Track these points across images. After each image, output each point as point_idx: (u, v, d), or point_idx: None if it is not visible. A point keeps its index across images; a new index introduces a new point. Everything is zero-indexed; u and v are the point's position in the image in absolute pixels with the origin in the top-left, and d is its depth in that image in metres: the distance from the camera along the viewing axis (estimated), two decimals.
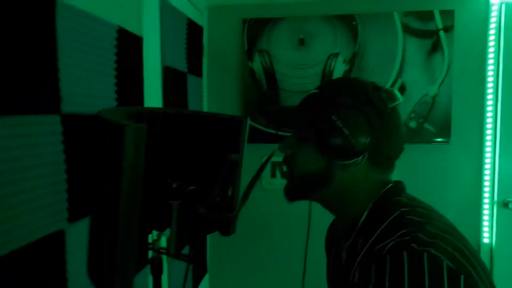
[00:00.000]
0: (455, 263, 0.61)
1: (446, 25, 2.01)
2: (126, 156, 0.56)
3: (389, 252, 0.64)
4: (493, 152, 2.07)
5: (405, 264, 0.61)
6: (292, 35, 2.11)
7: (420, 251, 0.61)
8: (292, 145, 0.80)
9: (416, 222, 0.68)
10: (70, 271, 0.95)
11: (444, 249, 0.62)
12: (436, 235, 0.65)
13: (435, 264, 0.60)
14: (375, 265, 0.64)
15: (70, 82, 0.95)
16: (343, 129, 0.71)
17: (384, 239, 0.67)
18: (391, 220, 0.70)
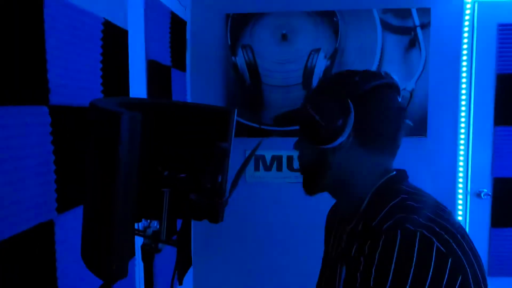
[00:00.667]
0: (446, 247, 0.65)
1: (423, 22, 2.08)
2: (121, 144, 0.58)
3: (385, 230, 0.68)
4: (466, 145, 2.16)
5: (397, 241, 0.65)
6: (275, 31, 2.14)
7: (414, 231, 0.65)
8: (297, 143, 0.87)
9: (415, 207, 0.72)
10: (59, 261, 0.96)
11: (438, 233, 0.66)
12: (432, 219, 0.68)
13: (426, 244, 0.64)
14: (370, 240, 0.69)
15: (58, 74, 0.96)
16: (314, 115, 0.76)
17: (384, 222, 0.71)
18: (391, 205, 0.74)
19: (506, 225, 2.16)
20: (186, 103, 0.86)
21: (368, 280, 0.66)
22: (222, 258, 2.31)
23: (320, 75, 2.13)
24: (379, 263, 0.65)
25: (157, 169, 0.77)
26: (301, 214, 2.22)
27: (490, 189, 2.17)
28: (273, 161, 2.21)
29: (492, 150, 2.16)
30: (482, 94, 2.13)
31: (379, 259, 0.66)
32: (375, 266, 0.66)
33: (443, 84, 2.13)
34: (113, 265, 0.61)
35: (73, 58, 1.04)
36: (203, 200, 0.74)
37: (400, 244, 0.65)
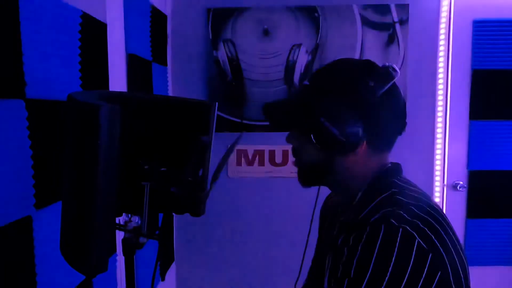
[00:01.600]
0: (428, 243, 0.67)
1: (401, 18, 2.12)
2: (101, 136, 0.58)
3: (370, 224, 0.70)
4: (443, 139, 2.22)
5: (380, 235, 0.67)
6: (256, 26, 2.14)
7: (397, 227, 0.67)
8: (295, 139, 0.84)
9: (403, 202, 0.73)
10: (38, 257, 0.95)
11: (421, 229, 0.68)
12: (418, 215, 0.70)
13: (407, 240, 0.66)
14: (356, 232, 0.71)
15: (35, 67, 0.94)
16: (332, 129, 0.73)
17: (372, 214, 0.73)
18: (381, 198, 0.76)
19: (481, 216, 2.24)
20: (166, 96, 0.86)
21: (349, 270, 0.68)
22: (204, 253, 2.32)
23: (302, 70, 2.14)
24: (361, 255, 0.67)
25: (137, 162, 0.77)
26: (284, 209, 2.24)
27: (466, 181, 2.23)
28: (255, 156, 2.22)
29: (468, 143, 2.22)
30: (458, 89, 2.19)
31: (361, 251, 0.68)
32: (356, 257, 0.68)
33: (420, 79, 2.18)
34: (93, 259, 0.60)
35: (50, 51, 1.01)
36: (184, 193, 0.74)
37: (382, 238, 0.67)
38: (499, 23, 2.14)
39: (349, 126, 0.74)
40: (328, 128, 0.74)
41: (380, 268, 0.65)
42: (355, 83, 0.75)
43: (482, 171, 2.22)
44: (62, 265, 1.01)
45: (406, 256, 0.65)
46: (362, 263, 0.67)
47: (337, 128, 0.73)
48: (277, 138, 2.05)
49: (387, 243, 0.66)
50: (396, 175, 0.82)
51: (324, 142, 0.76)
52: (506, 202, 2.22)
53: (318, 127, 0.75)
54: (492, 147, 2.21)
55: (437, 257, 0.67)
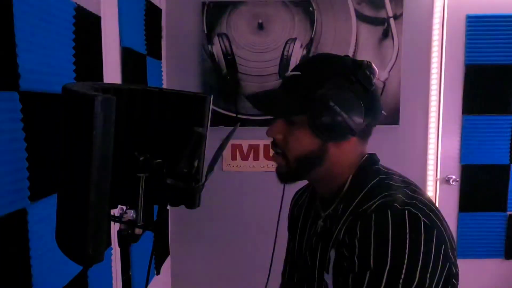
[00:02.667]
0: (430, 220, 0.70)
1: (396, 13, 2.13)
2: (96, 127, 0.58)
3: (374, 211, 0.71)
4: (436, 133, 2.24)
5: (389, 221, 0.69)
6: (251, 20, 2.14)
7: (402, 210, 0.70)
8: (282, 130, 0.82)
9: (395, 186, 0.77)
10: (33, 249, 0.95)
11: (421, 208, 0.71)
12: (413, 197, 0.74)
13: (414, 220, 0.69)
14: (361, 222, 0.72)
15: (29, 59, 0.93)
16: (342, 113, 0.74)
17: (367, 201, 0.74)
18: (371, 185, 0.78)
19: (473, 210, 2.27)
20: (162, 88, 0.86)
21: (368, 262, 0.68)
22: (199, 247, 2.32)
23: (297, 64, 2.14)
24: (376, 244, 0.69)
25: (133, 154, 0.77)
26: (278, 202, 2.24)
27: (459, 175, 2.26)
28: (250, 150, 2.22)
29: (460, 138, 2.24)
30: (451, 84, 2.20)
31: (375, 240, 0.69)
32: (372, 247, 0.69)
33: (414, 74, 2.19)
34: (89, 249, 0.61)
35: (44, 43, 1.01)
36: (179, 185, 0.74)
37: (392, 224, 0.69)
38: (492, 19, 2.15)
39: (355, 111, 0.75)
40: (336, 112, 0.74)
41: (398, 252, 0.67)
42: (356, 71, 0.77)
43: (474, 165, 2.25)
44: (57, 258, 1.01)
45: (417, 235, 0.68)
46: (380, 251, 0.68)
47: (345, 112, 0.74)
48: None
49: (398, 227, 0.68)
50: (377, 163, 0.85)
51: (327, 128, 0.75)
52: (498, 196, 2.25)
53: (324, 112, 0.75)
54: (484, 142, 2.23)
55: (439, 232, 0.71)
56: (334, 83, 0.76)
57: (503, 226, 2.26)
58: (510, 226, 2.26)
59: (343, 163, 0.83)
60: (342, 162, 0.82)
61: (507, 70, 2.17)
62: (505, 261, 2.29)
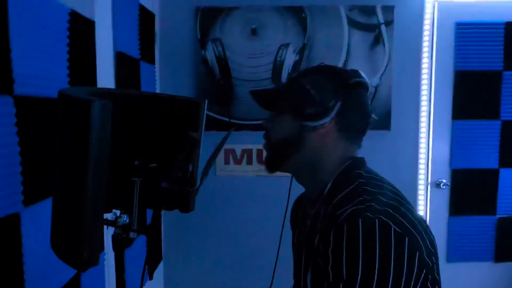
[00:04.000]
0: (401, 227, 0.71)
1: (387, 20, 2.16)
2: (93, 132, 0.59)
3: (346, 219, 0.72)
4: (427, 138, 2.27)
5: (359, 231, 0.70)
6: (245, 25, 2.16)
7: (373, 218, 0.71)
8: (271, 119, 0.89)
9: (371, 192, 0.77)
10: (26, 254, 0.94)
11: (393, 216, 0.72)
12: (387, 203, 0.74)
13: (384, 229, 0.70)
14: (334, 231, 0.73)
15: (23, 64, 0.94)
16: (310, 90, 0.81)
17: (342, 206, 0.76)
18: (348, 190, 0.80)
19: (463, 213, 2.29)
20: (157, 93, 0.87)
21: (341, 273, 0.70)
22: (192, 252, 2.32)
23: (289, 69, 2.17)
24: (348, 255, 0.70)
25: (128, 158, 0.77)
26: (271, 207, 2.25)
27: (449, 179, 2.29)
28: (243, 155, 2.23)
29: (451, 143, 2.28)
30: (441, 89, 2.24)
31: (346, 250, 0.70)
32: (344, 258, 0.70)
33: (405, 80, 2.23)
34: (84, 253, 0.61)
35: (38, 48, 1.01)
36: (174, 189, 0.75)
37: (362, 233, 0.69)
38: (480, 26, 2.20)
39: (326, 93, 0.82)
40: (307, 91, 0.82)
41: (368, 262, 0.68)
42: (333, 68, 0.87)
43: (464, 169, 2.28)
44: (50, 263, 1.01)
45: (387, 244, 0.69)
46: (351, 262, 0.69)
47: (315, 91, 0.82)
48: None
49: (368, 237, 0.69)
50: (362, 167, 0.86)
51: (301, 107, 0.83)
52: (488, 199, 2.29)
53: (298, 93, 0.83)
54: (474, 146, 2.27)
55: (412, 239, 0.71)
56: (315, 74, 0.86)
57: (493, 229, 2.29)
58: (500, 229, 2.29)
59: (325, 156, 0.85)
60: (323, 153, 0.85)
61: (495, 76, 2.21)
62: (495, 265, 2.32)
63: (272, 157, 0.90)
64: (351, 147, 0.87)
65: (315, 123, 0.82)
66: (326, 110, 0.81)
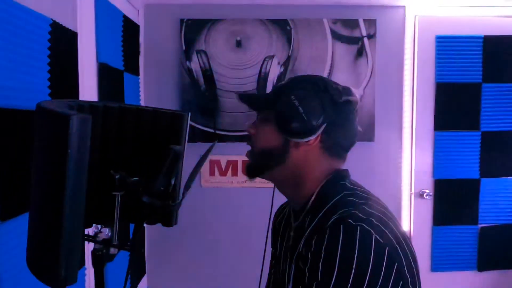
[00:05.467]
0: (383, 238, 0.71)
1: (369, 33, 2.20)
2: (71, 146, 0.57)
3: (329, 225, 0.73)
4: (410, 149, 2.30)
5: (340, 236, 0.70)
6: (229, 37, 2.17)
7: (355, 226, 0.71)
8: (255, 125, 0.88)
9: (356, 202, 0.78)
10: (3, 271, 0.91)
11: (376, 225, 0.72)
12: (371, 213, 0.75)
13: (365, 237, 0.70)
14: (317, 236, 0.73)
15: (2, 75, 0.92)
16: (299, 107, 0.79)
17: (328, 216, 0.76)
18: (335, 201, 0.80)
19: (446, 223, 2.32)
20: (138, 106, 0.86)
21: (316, 274, 0.70)
22: (176, 265, 2.28)
23: (274, 81, 2.18)
24: (325, 257, 0.70)
25: (109, 172, 0.76)
26: (256, 218, 2.23)
27: (432, 190, 2.32)
28: (228, 166, 2.22)
29: (433, 153, 2.31)
30: (423, 101, 2.28)
31: (325, 253, 0.70)
32: (321, 260, 0.70)
33: (388, 92, 2.26)
34: (61, 271, 0.59)
35: (17, 59, 0.99)
36: (156, 203, 0.74)
37: (342, 238, 0.70)
38: (459, 39, 2.25)
39: (312, 111, 0.80)
40: (294, 107, 0.80)
41: (344, 266, 0.69)
42: (325, 82, 0.84)
43: (446, 179, 2.31)
44: (28, 280, 0.98)
45: (366, 251, 0.69)
46: (328, 264, 0.70)
47: (303, 109, 0.79)
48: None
49: (348, 242, 0.70)
50: (346, 178, 0.87)
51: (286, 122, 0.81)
52: (470, 209, 2.32)
53: (285, 106, 0.81)
54: (456, 157, 2.31)
55: (392, 250, 0.72)
56: (304, 87, 0.83)
57: (475, 239, 2.32)
58: (482, 238, 2.32)
59: (306, 170, 0.85)
60: (306, 168, 0.85)
61: (475, 87, 2.27)
62: (478, 273, 2.35)
63: (253, 164, 0.89)
64: (335, 161, 0.87)
65: (300, 140, 0.82)
66: (313, 128, 0.80)
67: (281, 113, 0.82)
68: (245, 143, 0.91)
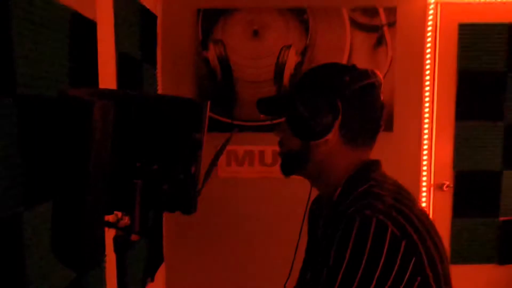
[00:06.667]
0: (401, 231, 0.69)
1: (390, 21, 2.15)
2: (94, 133, 0.58)
3: (346, 215, 0.72)
4: (430, 139, 2.26)
5: (354, 226, 0.69)
6: (247, 26, 2.15)
7: (371, 217, 0.70)
8: (281, 129, 0.89)
9: (379, 194, 0.76)
10: (28, 256, 0.94)
11: (395, 218, 0.70)
12: (392, 205, 0.73)
13: (380, 229, 0.69)
14: (333, 225, 0.74)
15: (25, 64, 0.93)
16: (304, 113, 0.79)
17: (348, 206, 0.75)
18: (359, 192, 0.79)
19: (466, 215, 2.28)
20: (159, 94, 0.86)
21: (328, 260, 0.71)
22: (194, 254, 2.31)
23: (291, 71, 2.16)
24: (338, 246, 0.70)
25: (129, 160, 0.77)
26: (273, 209, 2.24)
27: (452, 181, 2.27)
28: (245, 156, 2.22)
29: (454, 144, 2.26)
30: (445, 90, 2.23)
31: (337, 242, 0.70)
32: (334, 248, 0.70)
33: (408, 81, 2.22)
34: (84, 255, 0.60)
35: (40, 49, 1.01)
36: (176, 191, 0.74)
37: (357, 229, 0.69)
38: (483, 27, 2.18)
39: (320, 112, 0.79)
40: (300, 113, 0.80)
41: (355, 258, 0.68)
42: (331, 76, 0.82)
43: (467, 171, 2.27)
44: (52, 265, 1.01)
45: (379, 245, 0.68)
46: (339, 253, 0.70)
47: (308, 113, 0.79)
48: (267, 138, 2.05)
49: (361, 233, 0.69)
50: (375, 169, 0.85)
51: (297, 128, 0.83)
52: (491, 201, 2.27)
53: (293, 112, 0.82)
54: (477, 148, 2.25)
55: (411, 244, 0.70)
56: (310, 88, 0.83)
57: (497, 231, 2.28)
58: (503, 231, 2.27)
59: (333, 166, 0.85)
60: (331, 164, 0.85)
61: (499, 76, 2.20)
62: (499, 267, 2.31)
63: (283, 166, 0.92)
64: (362, 151, 0.86)
65: (317, 141, 0.82)
66: (324, 128, 0.80)
67: (290, 119, 0.84)
68: (262, 133, 0.94)
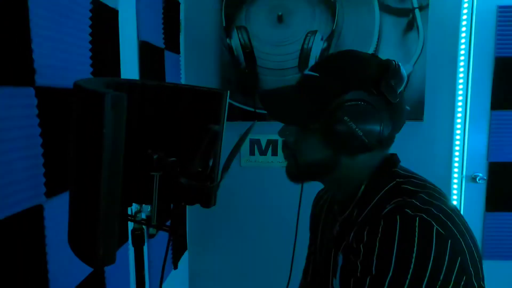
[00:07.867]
0: (445, 229, 0.64)
1: (421, 4, 2.04)
2: (106, 125, 0.56)
3: (384, 216, 0.67)
4: (462, 129, 2.15)
5: (397, 226, 0.64)
6: (271, 12, 2.09)
7: (413, 216, 0.64)
8: (294, 133, 0.79)
9: (411, 190, 0.71)
10: (49, 246, 0.94)
11: (436, 216, 0.65)
12: (430, 202, 0.68)
13: (426, 228, 0.63)
14: (369, 227, 0.68)
15: (44, 54, 0.92)
16: (357, 129, 0.70)
17: (381, 206, 0.70)
18: (387, 189, 0.73)
19: (500, 209, 2.17)
20: (177, 84, 0.83)
21: (370, 268, 0.65)
22: (217, 242, 2.32)
23: (317, 57, 2.09)
24: (380, 250, 0.64)
25: (147, 152, 0.75)
26: (296, 199, 2.21)
27: (486, 173, 2.17)
28: (268, 145, 2.19)
29: (488, 134, 2.15)
30: (480, 77, 2.10)
31: (379, 246, 0.64)
32: (376, 253, 0.64)
33: (440, 67, 2.11)
34: (99, 251, 0.59)
35: (60, 38, 1.00)
36: (194, 184, 0.72)
37: (400, 230, 0.64)
38: None
39: (371, 128, 0.70)
40: (350, 128, 0.70)
41: (403, 261, 0.63)
42: (379, 82, 0.71)
43: (502, 162, 2.15)
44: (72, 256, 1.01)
45: (427, 244, 0.63)
46: (383, 258, 0.64)
47: (360, 128, 0.70)
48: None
49: (406, 234, 0.63)
50: (396, 165, 0.79)
51: (341, 141, 0.72)
52: None
53: (338, 126, 0.71)
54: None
55: (456, 243, 0.65)
56: (353, 95, 0.71)
57: None
58: None
59: (358, 170, 0.78)
60: (356, 170, 0.78)
61: None
62: None
63: (299, 174, 0.81)
64: (384, 152, 0.80)
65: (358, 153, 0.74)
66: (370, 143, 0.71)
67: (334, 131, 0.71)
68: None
